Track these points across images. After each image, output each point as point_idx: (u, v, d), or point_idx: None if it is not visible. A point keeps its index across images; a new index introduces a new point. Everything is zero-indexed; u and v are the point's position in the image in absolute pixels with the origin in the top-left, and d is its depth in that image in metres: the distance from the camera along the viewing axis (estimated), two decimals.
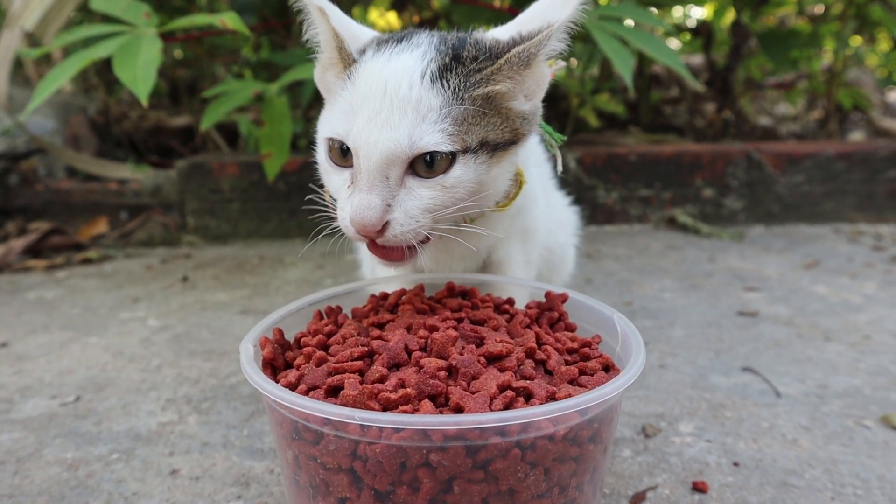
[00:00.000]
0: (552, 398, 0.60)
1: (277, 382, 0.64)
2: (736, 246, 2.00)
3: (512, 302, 0.81)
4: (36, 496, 0.81)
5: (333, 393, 0.61)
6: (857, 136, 3.07)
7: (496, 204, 0.79)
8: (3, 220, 2.11)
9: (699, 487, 0.80)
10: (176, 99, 2.94)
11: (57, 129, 2.39)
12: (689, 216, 2.21)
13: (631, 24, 1.67)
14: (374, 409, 0.57)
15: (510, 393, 0.59)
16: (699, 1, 2.69)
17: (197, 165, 2.10)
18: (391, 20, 2.79)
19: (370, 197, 0.68)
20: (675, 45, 3.20)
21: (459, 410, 0.57)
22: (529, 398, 0.60)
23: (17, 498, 0.81)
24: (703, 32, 2.89)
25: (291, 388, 0.62)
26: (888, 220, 2.27)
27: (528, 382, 0.61)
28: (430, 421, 0.54)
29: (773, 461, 0.86)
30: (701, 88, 2.85)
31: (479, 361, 0.63)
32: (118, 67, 1.28)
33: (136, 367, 1.19)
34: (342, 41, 0.73)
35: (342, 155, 0.72)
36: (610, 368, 0.69)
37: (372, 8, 2.66)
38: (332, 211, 0.76)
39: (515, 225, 0.90)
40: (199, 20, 1.39)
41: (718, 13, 2.94)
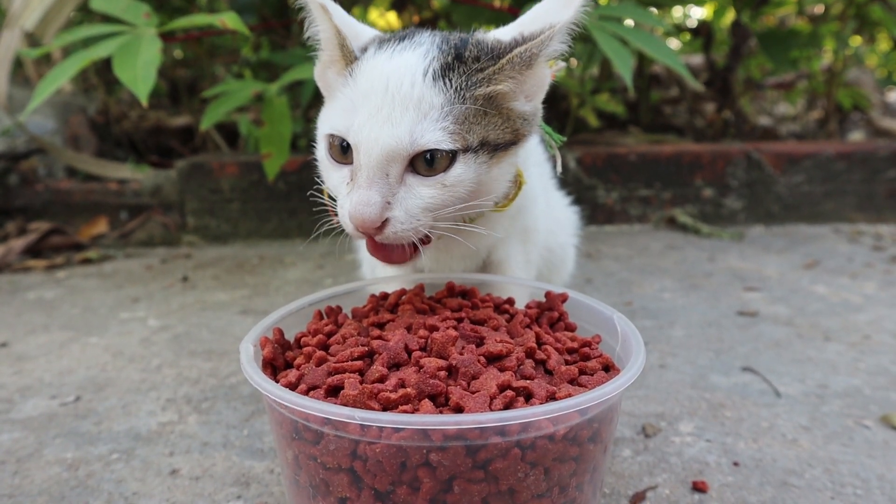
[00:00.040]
0: (552, 398, 0.60)
1: (277, 382, 0.64)
2: (736, 246, 2.00)
3: (512, 302, 0.81)
4: (36, 496, 0.81)
5: (333, 393, 0.61)
6: (856, 136, 3.07)
7: (496, 204, 0.79)
8: (3, 220, 2.11)
9: (699, 487, 0.80)
10: (176, 99, 2.94)
11: (57, 129, 2.39)
12: (689, 216, 2.21)
13: (631, 24, 1.67)
14: (374, 408, 0.57)
15: (510, 393, 0.59)
16: (699, 1, 2.69)
17: (197, 165, 2.10)
18: (391, 20, 2.79)
19: (370, 193, 0.67)
20: (675, 45, 3.20)
21: (459, 410, 0.57)
22: (529, 398, 0.60)
23: (17, 498, 0.81)
24: (702, 32, 2.89)
25: (291, 387, 0.62)
26: (888, 220, 2.27)
27: (528, 382, 0.61)
28: (430, 421, 0.54)
29: (773, 461, 0.86)
30: (701, 88, 2.85)
31: (479, 361, 0.63)
32: (118, 67, 1.28)
33: (136, 367, 1.19)
34: (344, 38, 0.73)
35: (342, 152, 0.72)
36: (610, 368, 0.69)
37: (371, 8, 2.66)
38: (331, 210, 0.76)
39: (515, 225, 0.90)
40: (198, 20, 1.39)
41: (718, 13, 2.94)
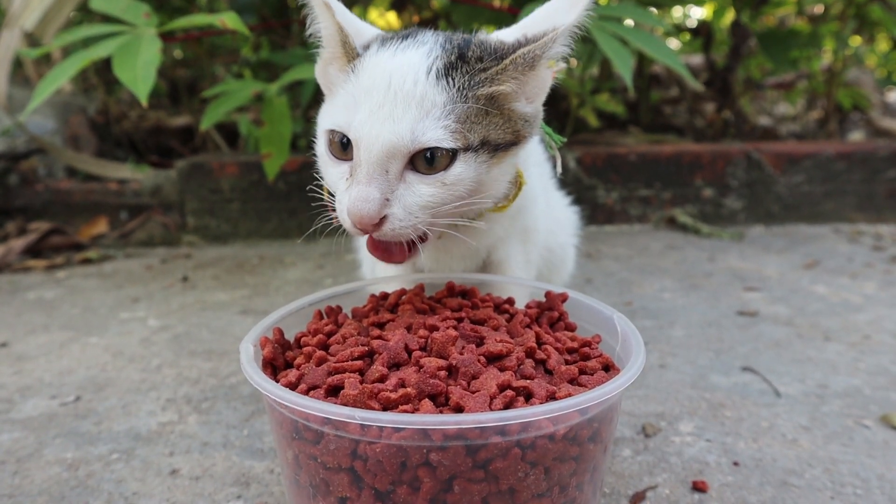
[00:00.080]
0: (552, 398, 0.60)
1: (277, 382, 0.64)
2: (736, 246, 2.00)
3: (512, 301, 0.81)
4: (36, 496, 0.81)
5: (333, 392, 0.61)
6: (856, 136, 3.07)
7: (496, 205, 0.79)
8: (3, 220, 2.11)
9: (699, 487, 0.80)
10: (176, 99, 2.94)
11: (57, 129, 2.39)
12: (689, 216, 2.21)
13: (631, 24, 1.67)
14: (374, 408, 0.57)
15: (510, 392, 0.59)
16: (699, 1, 2.69)
17: (197, 165, 2.10)
18: (391, 20, 2.79)
19: (368, 189, 0.67)
20: (674, 45, 3.20)
21: (459, 410, 0.57)
22: (529, 398, 0.60)
23: (17, 498, 0.81)
24: (702, 32, 2.89)
25: (291, 387, 0.62)
26: (888, 220, 2.27)
27: (528, 382, 0.61)
28: (430, 420, 0.54)
29: (773, 461, 0.86)
30: (701, 88, 2.85)
31: (479, 361, 0.63)
32: (118, 67, 1.28)
33: (136, 367, 1.19)
34: (347, 35, 0.73)
35: (342, 148, 0.72)
36: (610, 368, 0.69)
37: (371, 8, 2.66)
38: (330, 207, 0.76)
39: (515, 225, 0.90)
40: (198, 20, 1.39)
41: (718, 13, 2.94)
